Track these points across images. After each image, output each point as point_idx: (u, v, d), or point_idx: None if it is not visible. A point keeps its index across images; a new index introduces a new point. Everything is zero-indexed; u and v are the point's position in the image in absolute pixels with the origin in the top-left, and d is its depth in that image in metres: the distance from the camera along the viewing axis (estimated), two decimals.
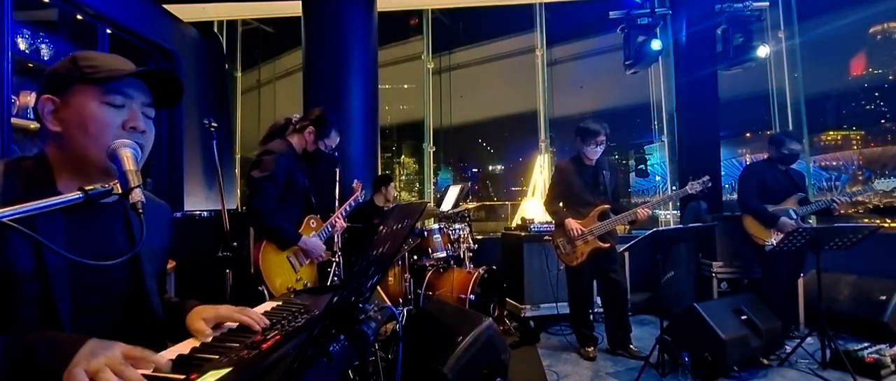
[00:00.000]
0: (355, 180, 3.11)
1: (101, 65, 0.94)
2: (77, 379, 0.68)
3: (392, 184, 4.39)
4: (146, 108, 0.99)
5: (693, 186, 3.30)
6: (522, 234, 4.26)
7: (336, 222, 2.73)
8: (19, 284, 0.84)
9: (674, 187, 5.84)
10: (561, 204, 3.56)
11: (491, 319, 2.47)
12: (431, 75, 6.37)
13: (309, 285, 2.59)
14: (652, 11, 4.62)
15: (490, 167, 7.92)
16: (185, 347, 0.91)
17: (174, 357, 0.85)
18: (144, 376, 0.74)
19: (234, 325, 1.02)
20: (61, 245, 0.88)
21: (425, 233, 3.93)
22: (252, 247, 2.39)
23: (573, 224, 3.39)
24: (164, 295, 1.15)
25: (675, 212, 5.82)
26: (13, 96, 2.77)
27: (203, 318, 0.99)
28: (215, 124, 2.32)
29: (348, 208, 2.86)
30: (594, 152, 3.42)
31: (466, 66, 6.88)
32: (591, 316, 3.62)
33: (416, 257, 3.92)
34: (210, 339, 0.94)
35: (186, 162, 4.39)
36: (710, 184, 3.32)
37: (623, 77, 5.04)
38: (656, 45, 4.55)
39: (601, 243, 3.35)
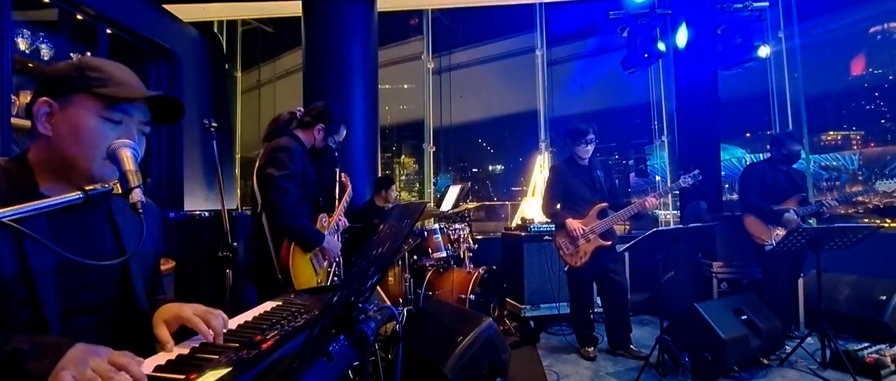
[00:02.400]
0: (343, 174, 2.99)
1: (108, 78, 0.93)
2: None
3: (394, 186, 4.38)
4: (143, 125, 0.99)
5: (685, 180, 3.33)
6: (522, 234, 4.26)
7: (340, 220, 2.72)
8: (4, 287, 0.82)
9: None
10: (559, 205, 3.57)
11: (491, 319, 2.47)
12: (431, 75, 6.37)
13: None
14: (652, 12, 4.62)
15: (490, 167, 7.92)
16: (184, 347, 0.91)
17: (174, 357, 0.86)
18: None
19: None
20: (45, 249, 0.85)
21: (425, 233, 3.93)
22: (273, 250, 2.25)
23: (574, 224, 3.40)
24: (157, 296, 1.14)
25: (675, 212, 5.82)
26: (13, 96, 2.77)
27: (164, 319, 0.94)
28: (215, 124, 2.31)
29: (344, 207, 2.86)
30: (585, 151, 3.46)
31: (466, 66, 6.87)
32: (592, 316, 3.63)
33: (416, 257, 3.92)
34: (175, 354, 0.87)
35: (186, 162, 4.38)
36: (700, 178, 3.34)
37: (623, 77, 5.04)
38: (661, 46, 4.55)
39: (603, 241, 3.37)
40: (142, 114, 0.98)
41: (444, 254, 3.96)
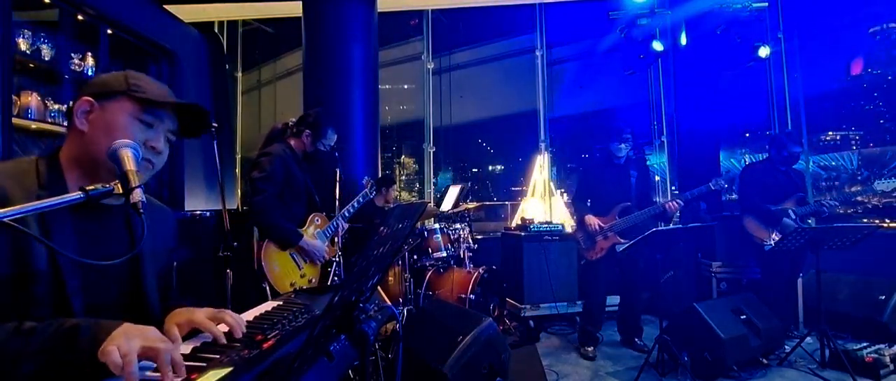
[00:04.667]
0: (365, 177, 3.23)
1: (147, 88, 1.04)
2: (110, 355, 0.72)
3: (394, 186, 4.38)
4: (170, 133, 1.08)
5: (716, 183, 3.37)
6: (522, 234, 4.26)
7: (341, 226, 2.80)
8: (34, 282, 0.87)
9: (673, 187, 5.84)
10: (589, 202, 3.63)
11: (491, 319, 2.48)
12: (431, 75, 6.37)
13: (313, 280, 2.62)
14: (652, 12, 4.62)
15: (490, 167, 7.91)
16: (185, 347, 0.92)
17: None
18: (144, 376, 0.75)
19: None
20: (71, 245, 0.93)
21: (425, 233, 3.93)
22: (255, 243, 2.46)
23: (592, 219, 3.45)
24: (171, 298, 1.17)
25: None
26: (13, 96, 2.77)
27: (177, 323, 0.97)
28: (215, 124, 2.33)
29: (358, 204, 2.92)
30: (619, 150, 3.50)
31: (466, 66, 6.87)
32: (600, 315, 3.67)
33: (416, 257, 3.92)
34: (187, 351, 0.89)
35: (187, 162, 4.39)
36: (726, 186, 3.40)
37: (623, 77, 5.04)
38: (658, 46, 4.56)
39: (620, 239, 3.40)
40: (171, 123, 1.07)
41: (444, 254, 3.96)
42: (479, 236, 4.86)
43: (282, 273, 2.46)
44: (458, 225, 4.19)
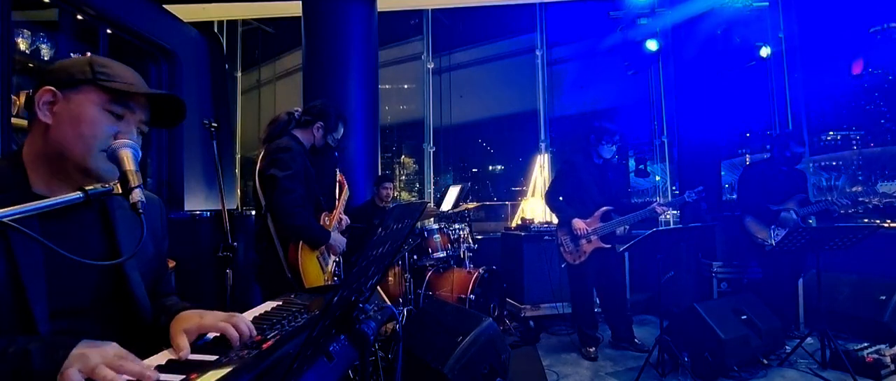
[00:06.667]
0: (338, 173, 2.99)
1: (116, 75, 0.95)
2: (72, 378, 0.68)
3: (389, 184, 4.37)
4: (142, 124, 1.00)
5: (689, 196, 3.38)
6: (522, 234, 4.26)
7: (343, 218, 2.72)
8: None
9: (674, 187, 5.84)
10: (561, 198, 3.60)
11: (491, 319, 2.47)
12: (431, 75, 6.37)
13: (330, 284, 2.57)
14: (652, 12, 4.62)
15: (490, 167, 7.90)
16: None
17: (174, 357, 0.86)
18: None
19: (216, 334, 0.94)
20: (36, 248, 0.85)
21: (425, 233, 3.93)
22: (281, 250, 2.28)
23: (580, 224, 3.43)
24: (165, 296, 1.12)
25: (674, 212, 5.81)
26: (13, 96, 2.77)
27: (185, 329, 0.92)
28: (215, 124, 2.32)
29: (343, 206, 2.86)
30: (609, 151, 3.48)
31: (466, 66, 6.87)
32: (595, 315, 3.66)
33: (416, 257, 3.92)
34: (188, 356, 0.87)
35: (186, 162, 4.38)
36: (704, 194, 3.39)
37: (623, 77, 5.03)
38: (652, 45, 4.56)
39: (603, 244, 3.40)
40: (143, 113, 0.99)
41: (443, 254, 3.96)
42: (479, 236, 4.86)
43: (314, 278, 2.33)
44: (457, 225, 4.19)
